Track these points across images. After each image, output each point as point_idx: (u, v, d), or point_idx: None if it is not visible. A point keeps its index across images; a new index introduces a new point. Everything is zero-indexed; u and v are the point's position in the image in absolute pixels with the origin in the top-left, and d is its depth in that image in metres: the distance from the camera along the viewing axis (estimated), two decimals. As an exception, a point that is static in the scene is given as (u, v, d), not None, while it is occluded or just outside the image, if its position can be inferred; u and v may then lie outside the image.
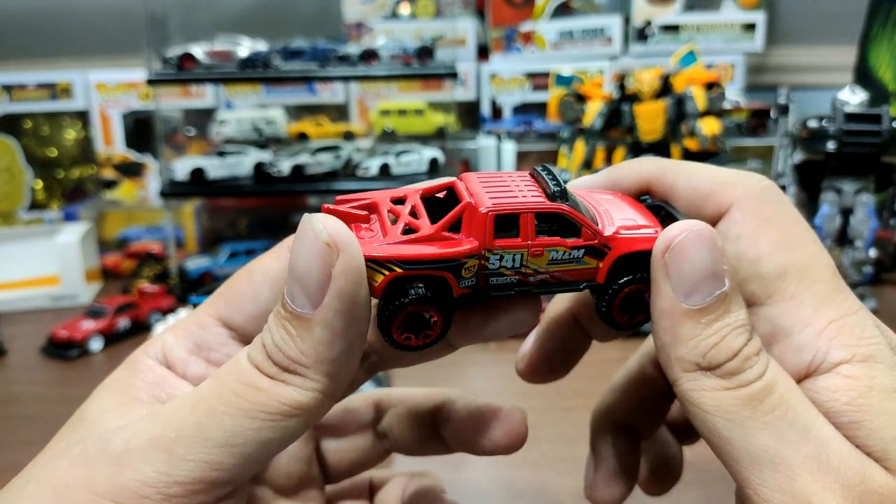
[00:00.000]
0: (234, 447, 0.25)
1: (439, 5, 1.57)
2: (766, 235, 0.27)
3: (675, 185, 0.30)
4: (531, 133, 1.51)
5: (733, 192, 0.28)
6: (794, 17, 1.61)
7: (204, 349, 0.32)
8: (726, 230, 0.28)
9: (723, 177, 0.29)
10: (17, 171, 1.56)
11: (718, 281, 0.26)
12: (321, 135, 1.42)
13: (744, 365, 0.25)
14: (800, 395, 0.25)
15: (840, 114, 1.02)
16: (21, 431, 0.79)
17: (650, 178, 0.31)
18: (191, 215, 1.39)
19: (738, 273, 0.27)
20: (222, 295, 0.33)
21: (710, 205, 0.29)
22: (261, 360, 0.26)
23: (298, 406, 0.25)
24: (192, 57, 1.19)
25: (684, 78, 1.21)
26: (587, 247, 0.27)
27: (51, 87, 1.52)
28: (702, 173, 0.30)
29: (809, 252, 0.27)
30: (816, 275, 0.27)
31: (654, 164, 0.31)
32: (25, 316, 1.17)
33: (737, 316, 0.26)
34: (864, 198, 1.05)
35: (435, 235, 0.27)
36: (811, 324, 0.26)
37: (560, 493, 0.61)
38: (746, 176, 0.29)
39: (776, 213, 0.28)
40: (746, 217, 0.28)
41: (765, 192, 0.28)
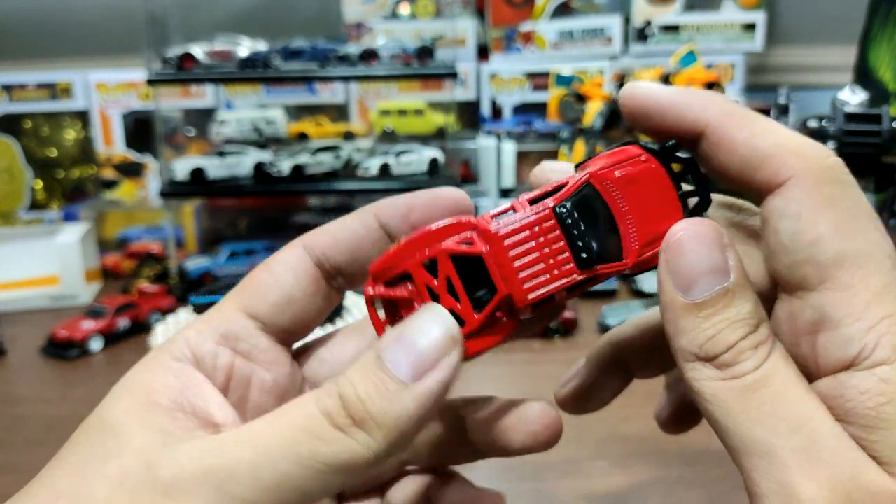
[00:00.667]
0: (279, 492, 0.25)
1: (439, 5, 1.57)
2: (826, 217, 0.25)
3: (735, 137, 0.27)
4: (531, 133, 1.51)
5: (795, 164, 0.26)
6: (794, 17, 1.61)
7: (231, 339, 0.31)
8: (784, 206, 0.26)
9: (788, 143, 0.27)
10: (17, 171, 1.56)
11: (720, 276, 0.26)
12: (321, 135, 1.42)
13: (738, 357, 0.25)
14: (800, 390, 0.25)
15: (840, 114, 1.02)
16: (21, 431, 0.79)
17: (710, 121, 0.28)
18: (191, 215, 1.39)
19: (793, 254, 0.26)
20: (244, 288, 0.32)
21: (767, 170, 0.27)
22: (335, 410, 0.26)
23: (352, 463, 0.25)
24: (192, 57, 1.19)
25: (684, 78, 1.21)
26: None
27: (51, 87, 1.52)
28: (767, 133, 0.27)
29: (871, 240, 0.25)
30: (875, 265, 0.25)
31: (720, 109, 0.28)
32: (25, 316, 1.17)
33: (738, 310, 0.26)
34: (864, 198, 1.05)
35: (478, 327, 0.29)
36: (862, 318, 0.25)
37: (560, 494, 0.61)
38: (813, 147, 0.27)
39: (840, 193, 0.26)
40: (807, 195, 0.26)
41: (831, 169, 0.26)
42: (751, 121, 0.27)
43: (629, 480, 0.63)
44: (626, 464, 0.64)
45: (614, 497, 0.60)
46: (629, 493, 0.61)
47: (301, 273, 0.32)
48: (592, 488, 0.61)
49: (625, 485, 0.62)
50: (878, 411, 0.24)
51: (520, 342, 0.91)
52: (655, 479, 0.62)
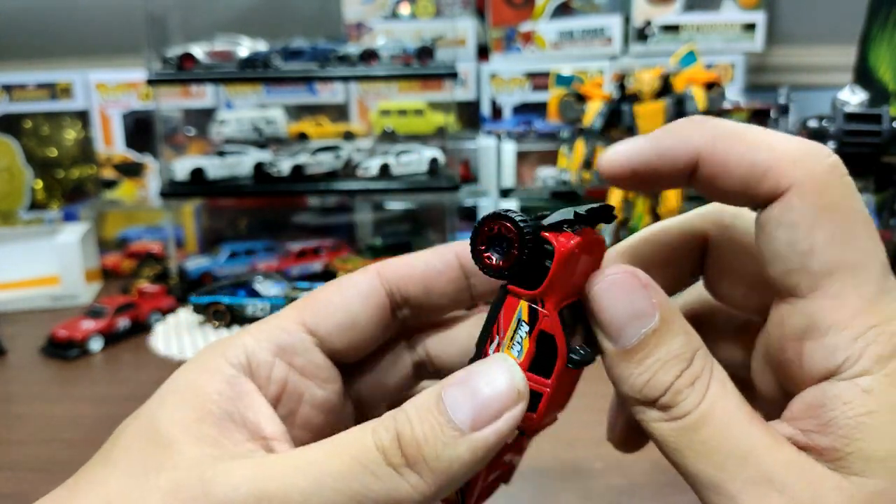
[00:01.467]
0: None
1: (439, 5, 1.57)
2: (823, 227, 0.25)
3: (728, 159, 0.26)
4: (531, 133, 1.51)
5: (794, 173, 0.25)
6: (794, 17, 1.61)
7: (288, 353, 0.31)
8: (781, 215, 0.26)
9: (786, 152, 0.26)
10: (17, 171, 1.56)
11: (644, 319, 0.26)
12: (321, 135, 1.42)
13: (676, 398, 0.25)
14: (743, 422, 0.25)
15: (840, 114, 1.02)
16: (21, 431, 0.79)
17: (701, 150, 0.27)
18: (191, 215, 1.40)
19: (787, 263, 0.26)
20: (308, 304, 0.32)
21: (768, 183, 0.26)
22: (390, 447, 0.25)
23: (399, 501, 0.25)
24: (192, 57, 1.19)
25: (684, 78, 1.21)
26: None
27: (51, 87, 1.52)
28: (762, 144, 0.26)
29: (864, 248, 0.25)
30: (867, 274, 0.25)
31: (705, 133, 0.27)
32: (25, 316, 1.17)
33: (668, 348, 0.26)
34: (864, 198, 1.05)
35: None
36: (850, 327, 0.24)
37: (560, 495, 0.61)
38: (812, 152, 0.26)
39: (838, 200, 0.25)
40: (805, 204, 0.25)
41: (829, 173, 0.26)
42: (742, 136, 0.27)
43: (627, 481, 0.63)
44: (624, 465, 0.64)
45: (613, 497, 0.60)
46: (628, 494, 0.61)
47: (370, 298, 0.32)
48: (592, 488, 0.61)
49: (623, 485, 0.62)
50: (857, 421, 0.24)
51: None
52: (653, 481, 0.62)
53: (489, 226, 0.27)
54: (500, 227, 0.26)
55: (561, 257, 0.26)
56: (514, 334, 0.27)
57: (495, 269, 0.27)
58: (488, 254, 0.27)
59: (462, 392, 0.26)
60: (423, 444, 0.25)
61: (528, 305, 0.27)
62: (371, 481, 0.25)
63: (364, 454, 0.25)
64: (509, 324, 0.27)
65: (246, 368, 0.30)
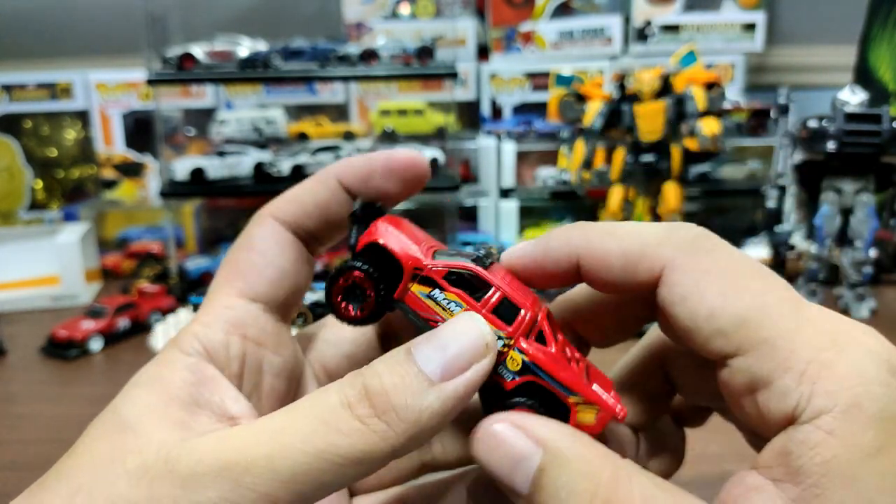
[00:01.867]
0: (295, 485, 0.25)
1: (439, 5, 1.57)
2: (709, 289, 0.26)
3: (607, 253, 0.28)
4: (531, 133, 1.51)
5: (663, 253, 0.27)
6: (794, 17, 1.61)
7: (239, 327, 0.31)
8: (668, 294, 0.27)
9: (651, 237, 0.28)
10: (17, 171, 1.56)
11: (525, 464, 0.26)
12: (321, 135, 1.42)
13: None
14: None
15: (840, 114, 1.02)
16: (20, 431, 0.79)
17: (580, 250, 0.29)
18: (191, 215, 1.40)
19: (698, 334, 0.26)
20: (233, 273, 0.33)
21: (644, 268, 0.28)
22: (355, 400, 0.26)
23: (370, 454, 0.25)
24: (192, 57, 1.19)
25: (684, 78, 1.21)
26: None
27: (51, 87, 1.52)
28: (631, 236, 0.28)
29: (760, 289, 0.26)
30: (777, 313, 0.25)
31: (582, 234, 0.29)
32: (25, 316, 1.17)
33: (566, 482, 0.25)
34: (864, 198, 1.05)
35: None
36: (789, 367, 0.24)
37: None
38: (674, 230, 0.28)
39: (712, 261, 0.27)
40: (685, 276, 0.27)
41: (694, 243, 0.27)
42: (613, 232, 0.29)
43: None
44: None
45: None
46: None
47: (283, 244, 0.33)
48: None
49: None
50: (825, 468, 0.23)
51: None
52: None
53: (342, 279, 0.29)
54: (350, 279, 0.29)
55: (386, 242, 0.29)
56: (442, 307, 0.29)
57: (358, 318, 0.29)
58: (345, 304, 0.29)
59: (431, 346, 0.27)
60: (392, 393, 0.25)
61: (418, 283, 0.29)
62: (337, 438, 0.25)
63: (328, 412, 0.26)
64: (429, 308, 0.29)
65: (204, 354, 0.30)
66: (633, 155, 1.21)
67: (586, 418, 0.28)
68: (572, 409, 0.28)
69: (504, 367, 0.28)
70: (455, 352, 0.27)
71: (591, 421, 0.28)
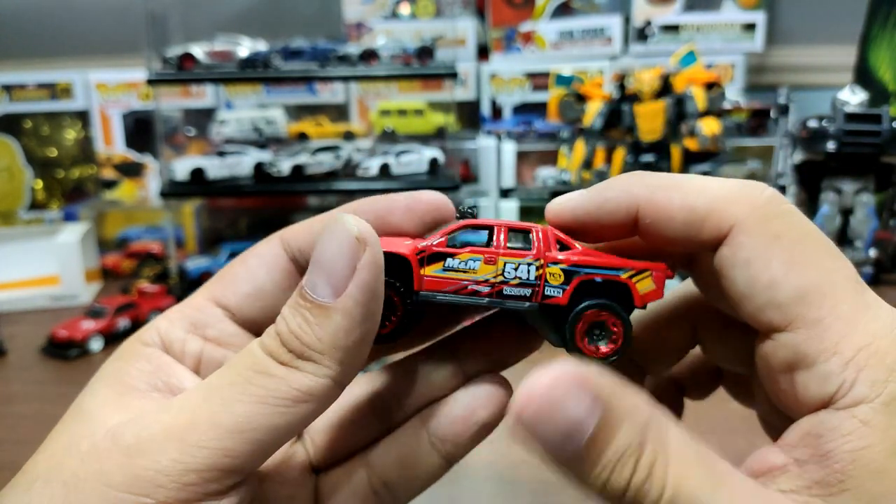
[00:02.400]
0: (246, 433, 0.25)
1: (439, 5, 1.57)
2: (777, 257, 0.25)
3: (669, 206, 0.27)
4: (531, 133, 1.51)
5: (734, 211, 0.26)
6: (794, 17, 1.61)
7: (200, 327, 0.33)
8: (733, 255, 0.26)
9: (721, 192, 0.26)
10: (17, 171, 1.56)
11: (577, 434, 0.24)
12: (321, 135, 1.42)
13: (638, 495, 0.24)
14: (709, 494, 0.24)
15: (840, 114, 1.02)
16: (20, 430, 0.79)
17: (641, 200, 0.28)
18: (191, 215, 1.39)
19: (754, 300, 0.25)
20: (217, 280, 0.34)
21: (710, 225, 0.26)
22: (275, 347, 0.26)
23: (310, 392, 0.26)
24: (192, 57, 1.19)
25: (684, 78, 1.21)
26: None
27: (51, 87, 1.52)
28: (698, 190, 0.27)
29: (828, 267, 0.25)
30: (839, 293, 0.24)
31: (644, 184, 0.28)
32: (25, 316, 1.17)
33: (615, 449, 0.24)
34: (864, 198, 1.05)
35: None
36: (838, 351, 0.24)
37: (560, 494, 0.61)
38: (747, 189, 0.26)
39: (785, 228, 0.25)
40: (753, 238, 0.25)
41: (769, 205, 0.26)
42: (679, 185, 0.27)
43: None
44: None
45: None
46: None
47: (275, 266, 0.34)
48: (592, 488, 0.61)
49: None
50: (854, 456, 0.23)
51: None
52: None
53: None
54: None
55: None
56: (463, 271, 0.28)
57: (394, 327, 0.29)
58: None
59: (312, 272, 0.27)
60: (301, 334, 0.26)
61: (428, 264, 0.28)
62: (269, 381, 0.26)
63: (255, 362, 0.26)
64: (452, 280, 0.28)
65: (161, 346, 0.32)
66: (633, 155, 1.21)
67: (646, 286, 0.28)
68: (631, 286, 0.28)
69: (549, 287, 0.28)
70: (332, 264, 0.26)
71: (651, 287, 0.28)
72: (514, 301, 0.28)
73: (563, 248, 0.28)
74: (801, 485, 0.24)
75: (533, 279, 0.28)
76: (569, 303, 0.28)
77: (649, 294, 0.28)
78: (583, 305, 0.28)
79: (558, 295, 0.28)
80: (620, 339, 0.28)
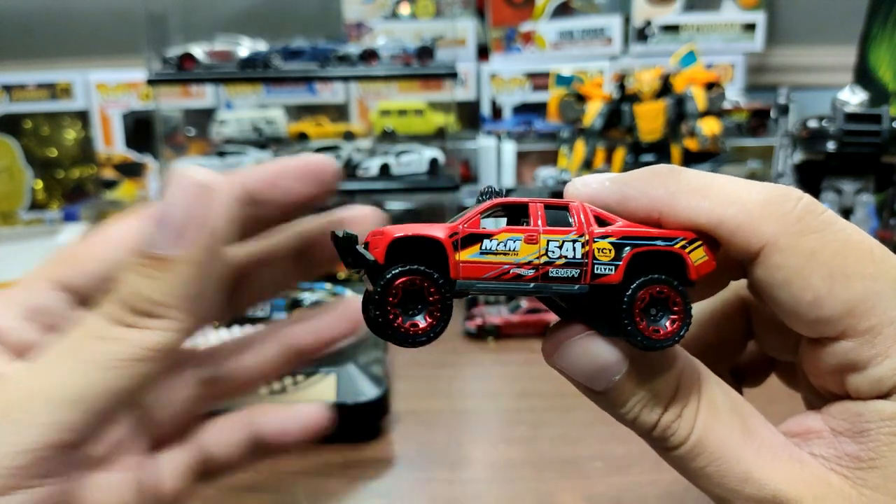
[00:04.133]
0: (83, 403, 0.24)
1: (439, 5, 1.57)
2: (816, 274, 0.24)
3: (694, 217, 0.25)
4: (531, 133, 1.51)
5: (764, 230, 0.24)
6: (794, 17, 1.61)
7: (39, 314, 0.31)
8: (768, 277, 0.25)
9: (751, 206, 0.25)
10: (17, 171, 1.56)
11: (606, 372, 0.26)
12: (321, 135, 1.42)
13: (666, 433, 0.26)
14: (737, 442, 0.25)
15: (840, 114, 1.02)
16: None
17: (661, 207, 0.26)
18: (191, 215, 1.39)
19: (801, 318, 0.25)
20: (57, 260, 0.32)
21: (740, 243, 0.25)
22: (117, 311, 0.26)
23: (158, 348, 0.25)
24: (192, 57, 1.19)
25: (684, 78, 1.21)
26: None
27: (51, 87, 1.52)
28: (727, 202, 0.25)
29: (871, 275, 0.24)
30: (888, 299, 0.24)
31: (665, 189, 0.26)
32: (25, 316, 1.17)
33: (647, 392, 0.26)
34: (864, 198, 1.05)
35: None
36: (891, 355, 0.24)
37: (560, 494, 0.61)
38: (779, 202, 0.25)
39: (820, 242, 0.24)
40: (788, 258, 0.24)
41: (802, 220, 0.24)
42: (704, 192, 0.26)
43: (628, 481, 0.63)
44: (625, 464, 0.64)
45: (613, 497, 0.60)
46: (628, 494, 0.61)
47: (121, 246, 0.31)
48: (592, 488, 0.61)
49: (624, 484, 0.62)
50: (890, 439, 0.24)
51: (511, 342, 0.91)
52: (654, 480, 0.62)
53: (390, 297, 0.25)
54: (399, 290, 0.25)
55: (407, 232, 0.25)
56: (504, 253, 0.26)
57: (432, 326, 0.25)
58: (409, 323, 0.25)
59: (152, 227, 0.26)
60: (148, 293, 0.25)
61: (462, 248, 0.25)
62: (111, 346, 0.25)
63: (95, 329, 0.25)
64: (492, 265, 0.25)
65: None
66: (633, 155, 1.21)
67: (699, 256, 0.26)
68: (685, 257, 0.26)
69: (599, 265, 0.25)
70: (171, 216, 0.26)
71: (704, 257, 0.26)
72: (562, 284, 0.25)
73: (601, 224, 0.26)
74: (833, 453, 0.25)
75: (580, 257, 0.25)
76: (623, 280, 0.25)
77: (703, 265, 0.26)
78: (641, 281, 0.25)
79: (610, 273, 0.25)
80: (682, 316, 0.25)
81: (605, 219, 0.26)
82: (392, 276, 0.24)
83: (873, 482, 0.24)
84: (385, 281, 0.24)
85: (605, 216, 0.26)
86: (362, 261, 0.25)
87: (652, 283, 0.25)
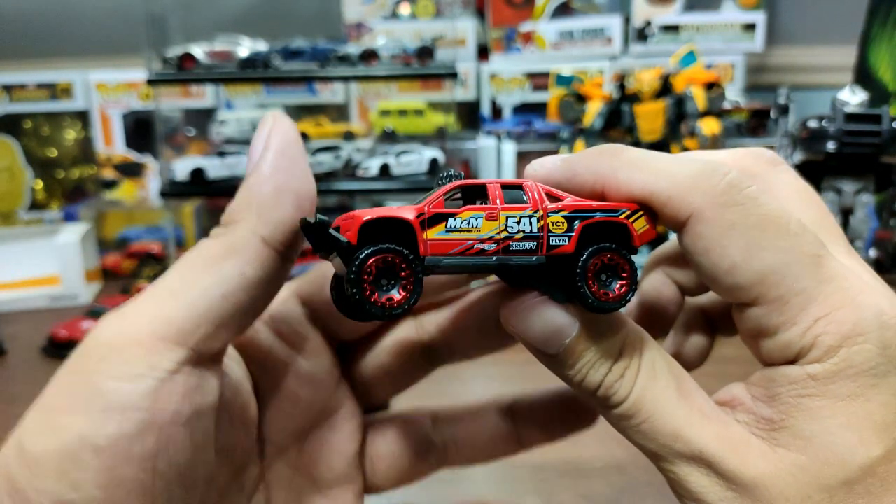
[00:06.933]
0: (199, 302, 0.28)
1: (439, 5, 1.57)
2: (733, 244, 0.26)
3: (630, 189, 0.28)
4: (531, 133, 1.51)
5: (690, 201, 0.27)
6: (794, 17, 1.61)
7: (276, 321, 0.34)
8: (692, 245, 0.27)
9: (681, 178, 0.27)
10: (17, 171, 1.56)
11: (559, 334, 0.28)
12: (321, 135, 1.42)
13: (608, 392, 0.28)
14: (671, 402, 0.28)
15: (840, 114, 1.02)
16: (21, 431, 0.79)
17: (605, 178, 0.29)
18: (191, 215, 1.39)
19: (719, 283, 0.27)
20: (307, 275, 0.36)
21: (669, 213, 0.27)
22: (215, 229, 0.31)
23: (231, 246, 0.29)
24: (192, 57, 1.19)
25: (684, 78, 1.21)
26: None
27: (51, 87, 1.52)
28: (660, 175, 0.27)
29: (785, 247, 0.26)
30: (797, 270, 0.26)
31: (609, 163, 0.29)
32: (25, 316, 1.17)
33: (594, 353, 0.28)
34: (864, 198, 1.05)
35: None
36: (797, 322, 0.26)
37: (561, 494, 0.61)
38: (706, 176, 0.27)
39: (741, 214, 0.26)
40: (709, 228, 0.26)
41: (726, 193, 0.26)
42: (642, 165, 0.28)
43: (628, 480, 0.63)
44: (624, 464, 0.64)
45: (613, 497, 0.60)
46: (628, 493, 0.61)
47: None
48: (592, 488, 0.62)
49: (624, 484, 0.62)
50: (796, 401, 0.26)
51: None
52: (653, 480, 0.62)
53: (365, 274, 0.27)
54: (372, 267, 0.27)
55: (375, 215, 0.28)
56: (467, 230, 0.28)
57: (405, 300, 0.27)
58: (385, 298, 0.27)
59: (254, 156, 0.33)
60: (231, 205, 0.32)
61: (429, 227, 0.28)
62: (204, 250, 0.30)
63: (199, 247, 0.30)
64: (456, 241, 0.28)
65: None
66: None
67: (641, 226, 0.28)
68: (629, 226, 0.28)
69: (554, 237, 0.28)
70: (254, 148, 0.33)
71: (645, 226, 0.29)
72: (521, 256, 0.28)
73: (553, 201, 0.29)
74: (752, 418, 0.28)
75: (536, 231, 0.28)
76: (575, 250, 0.28)
77: (645, 233, 0.28)
78: (593, 249, 0.28)
79: (564, 243, 0.28)
80: (629, 281, 0.28)
81: (556, 196, 0.29)
82: (366, 254, 0.27)
83: (784, 441, 0.26)
84: (360, 260, 0.27)
85: (555, 193, 0.29)
86: (336, 243, 0.27)
87: (603, 251, 0.28)
